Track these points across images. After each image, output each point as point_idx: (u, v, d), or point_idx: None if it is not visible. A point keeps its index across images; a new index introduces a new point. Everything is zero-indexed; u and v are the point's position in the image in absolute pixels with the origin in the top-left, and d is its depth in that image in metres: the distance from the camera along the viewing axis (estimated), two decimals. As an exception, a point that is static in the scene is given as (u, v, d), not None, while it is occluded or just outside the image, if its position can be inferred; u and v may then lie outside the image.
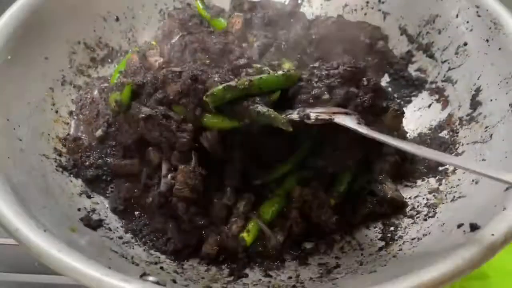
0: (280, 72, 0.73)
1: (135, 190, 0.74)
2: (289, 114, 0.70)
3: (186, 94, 0.70)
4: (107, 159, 0.78)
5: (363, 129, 0.65)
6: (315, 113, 0.68)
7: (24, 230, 0.52)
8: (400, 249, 0.66)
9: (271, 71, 0.74)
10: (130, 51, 0.92)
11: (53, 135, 0.79)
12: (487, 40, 0.80)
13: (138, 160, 0.76)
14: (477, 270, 0.90)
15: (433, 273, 0.49)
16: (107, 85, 0.87)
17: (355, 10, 1.01)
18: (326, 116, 0.68)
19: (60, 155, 0.77)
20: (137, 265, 0.62)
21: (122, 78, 0.81)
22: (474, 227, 0.56)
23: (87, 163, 0.77)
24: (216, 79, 0.70)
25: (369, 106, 0.70)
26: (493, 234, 0.52)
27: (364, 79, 0.72)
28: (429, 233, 0.66)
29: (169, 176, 0.68)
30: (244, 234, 0.68)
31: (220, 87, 0.67)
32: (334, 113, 0.69)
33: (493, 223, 0.54)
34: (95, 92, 0.87)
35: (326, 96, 0.71)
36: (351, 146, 0.71)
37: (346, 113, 0.69)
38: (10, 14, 0.79)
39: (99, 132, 0.80)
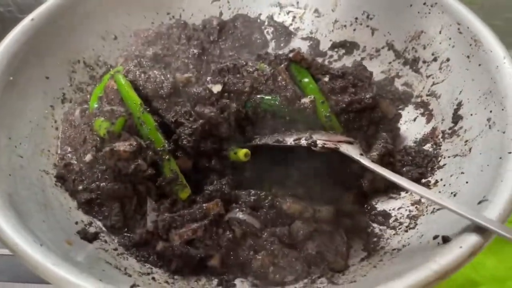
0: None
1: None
2: (296, 139, 0.76)
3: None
4: (98, 183, 0.77)
5: (365, 161, 0.72)
6: (321, 141, 0.74)
7: (22, 245, 0.56)
8: (381, 260, 0.69)
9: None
10: (110, 73, 0.91)
11: (53, 152, 0.83)
12: (468, 57, 0.83)
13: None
14: (467, 278, 0.93)
15: (400, 284, 0.52)
16: (87, 106, 0.88)
17: (345, 26, 1.05)
18: (332, 145, 0.74)
19: (59, 170, 0.81)
20: (130, 276, 0.66)
21: (106, 106, 0.81)
22: (445, 240, 0.59)
23: (80, 187, 0.77)
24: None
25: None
26: (461, 247, 0.55)
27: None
28: (408, 244, 0.69)
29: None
30: None
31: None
32: (339, 141, 0.76)
33: (463, 236, 0.57)
34: (77, 113, 0.88)
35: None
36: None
37: (349, 142, 0.77)
38: (12, 37, 0.83)
39: (88, 157, 0.80)
